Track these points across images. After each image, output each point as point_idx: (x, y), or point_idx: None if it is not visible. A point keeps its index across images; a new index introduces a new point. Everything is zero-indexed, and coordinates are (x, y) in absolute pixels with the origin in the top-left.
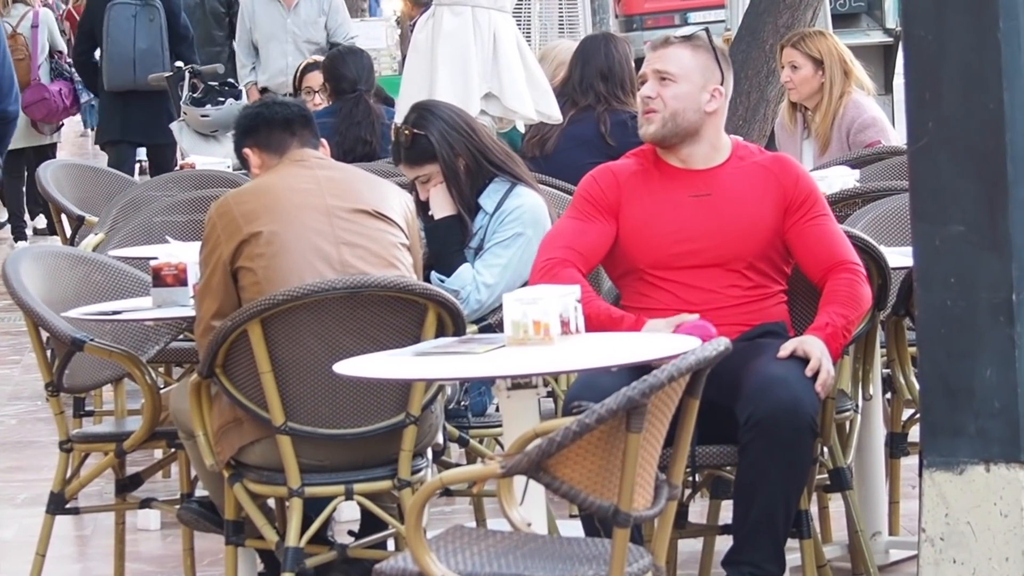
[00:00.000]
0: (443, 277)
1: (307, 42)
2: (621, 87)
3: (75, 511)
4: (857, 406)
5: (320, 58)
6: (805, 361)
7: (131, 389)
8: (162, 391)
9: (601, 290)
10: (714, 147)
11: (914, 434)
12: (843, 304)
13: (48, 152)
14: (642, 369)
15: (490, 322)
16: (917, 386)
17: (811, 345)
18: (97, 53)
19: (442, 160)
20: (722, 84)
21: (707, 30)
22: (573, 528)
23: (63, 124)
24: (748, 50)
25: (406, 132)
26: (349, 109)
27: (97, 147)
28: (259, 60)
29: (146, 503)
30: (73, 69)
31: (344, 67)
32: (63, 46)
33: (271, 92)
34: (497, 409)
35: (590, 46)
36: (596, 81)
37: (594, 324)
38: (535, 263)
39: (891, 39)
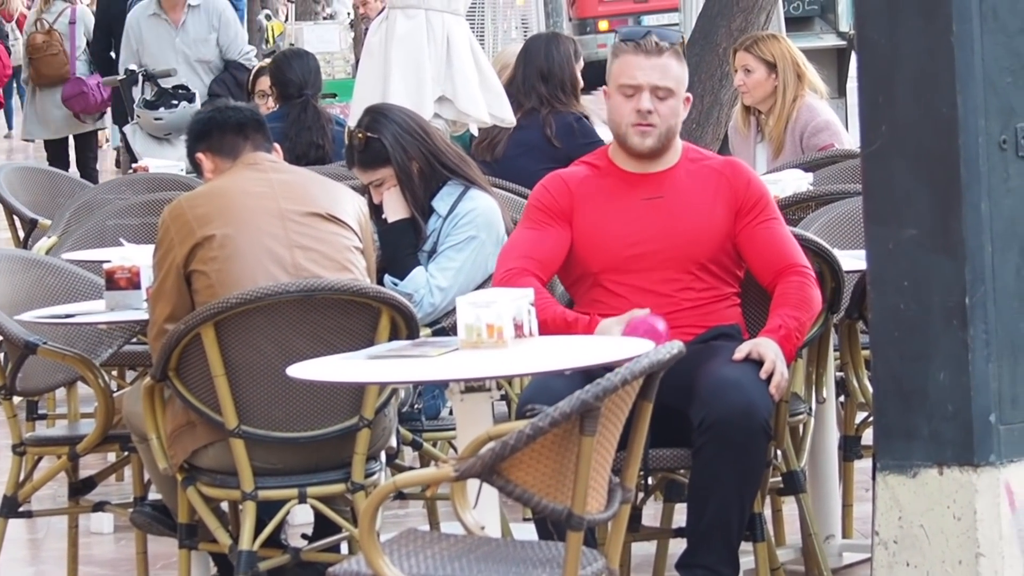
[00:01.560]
0: (396, 280)
1: (198, 61)
2: (562, 88)
3: (28, 514)
4: (810, 409)
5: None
6: (759, 364)
7: (84, 393)
8: (115, 394)
9: (554, 295)
10: (675, 151)
11: (867, 437)
12: (795, 307)
13: (92, 139)
14: (595, 372)
15: (444, 325)
16: (870, 389)
17: (765, 347)
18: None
19: (396, 163)
20: (688, 91)
21: (680, 33)
22: (527, 531)
23: (105, 112)
24: (702, 53)
25: (359, 136)
26: (297, 114)
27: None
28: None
29: (99, 506)
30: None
31: (289, 71)
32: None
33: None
34: (451, 412)
35: (532, 46)
36: (537, 82)
37: (549, 328)
38: (495, 275)
39: (844, 42)
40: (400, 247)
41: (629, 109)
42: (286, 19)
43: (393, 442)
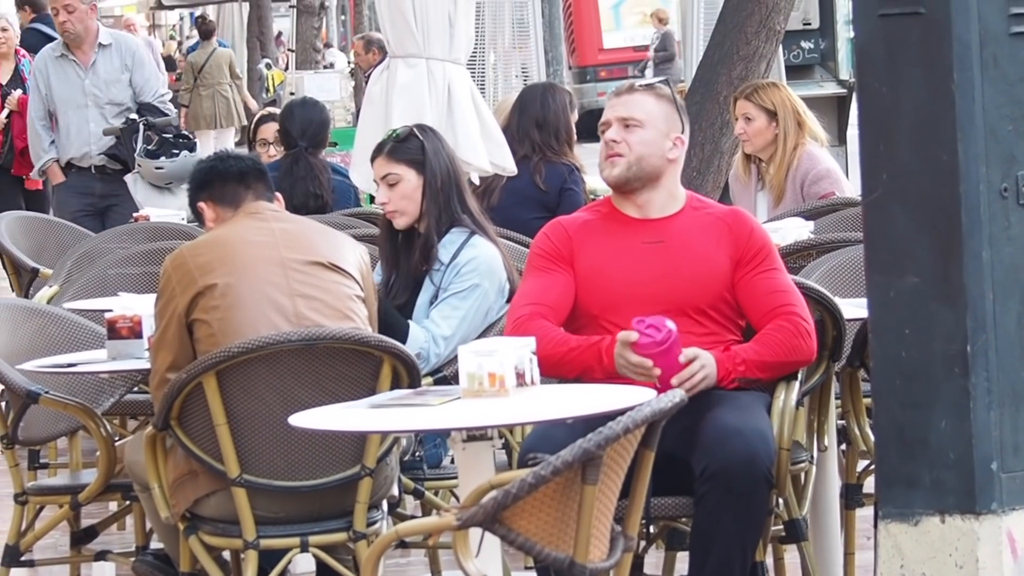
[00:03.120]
0: None
1: (110, 104)
2: (555, 136)
3: (30, 564)
4: (812, 457)
5: (275, 110)
6: (761, 411)
7: (86, 442)
8: (117, 443)
9: None
10: (671, 196)
11: (869, 485)
12: (765, 344)
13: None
14: (597, 421)
15: (445, 374)
16: (872, 437)
17: (703, 356)
18: None
19: (428, 171)
20: (683, 133)
21: (667, 80)
22: None
23: None
24: (702, 102)
25: (408, 128)
26: (289, 166)
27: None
28: (59, 132)
29: (101, 555)
30: None
31: (290, 122)
32: None
33: (76, 167)
34: (452, 461)
35: (528, 95)
36: (531, 129)
37: (573, 360)
38: (506, 327)
39: (845, 90)
40: (387, 314)
41: (602, 144)
42: (286, 68)
43: (395, 491)
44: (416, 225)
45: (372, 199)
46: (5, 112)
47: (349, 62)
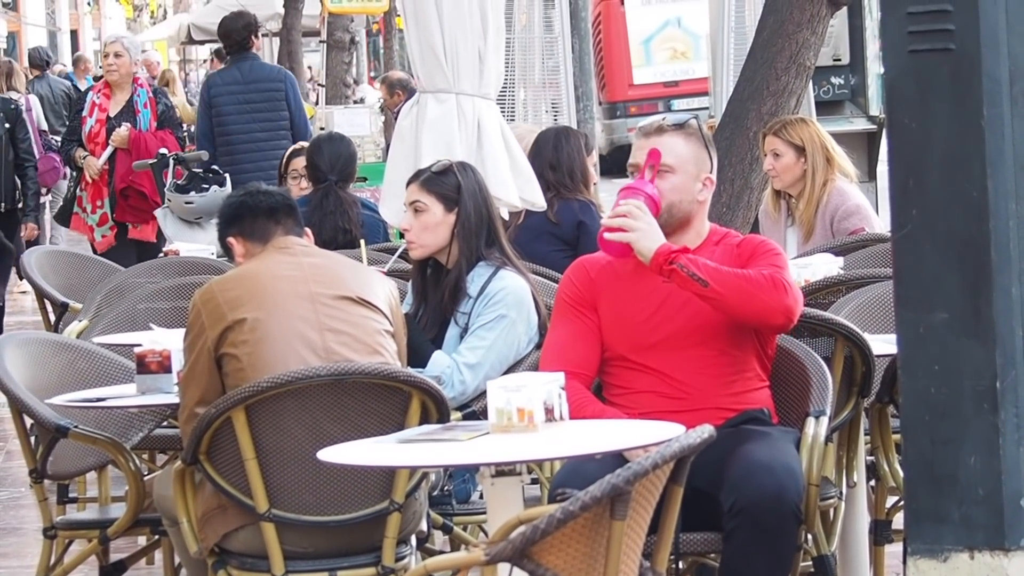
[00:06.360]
0: (419, 370)
1: None
2: (570, 176)
3: None
4: (841, 493)
5: (306, 144)
6: (789, 447)
7: (115, 476)
8: (146, 478)
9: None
10: (698, 234)
11: (898, 521)
12: (734, 269)
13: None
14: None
15: (474, 409)
16: (901, 473)
17: (651, 219)
18: None
19: (463, 211)
20: (711, 172)
21: (696, 116)
22: None
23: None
24: (732, 137)
25: (448, 163)
26: (319, 200)
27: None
28: None
29: None
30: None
31: (319, 156)
32: (45, 125)
33: None
34: (481, 496)
35: (542, 139)
36: (546, 171)
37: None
38: None
39: (875, 126)
40: (412, 336)
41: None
42: (316, 102)
43: (424, 526)
44: (442, 260)
45: (401, 235)
46: (108, 151)
47: (379, 97)
